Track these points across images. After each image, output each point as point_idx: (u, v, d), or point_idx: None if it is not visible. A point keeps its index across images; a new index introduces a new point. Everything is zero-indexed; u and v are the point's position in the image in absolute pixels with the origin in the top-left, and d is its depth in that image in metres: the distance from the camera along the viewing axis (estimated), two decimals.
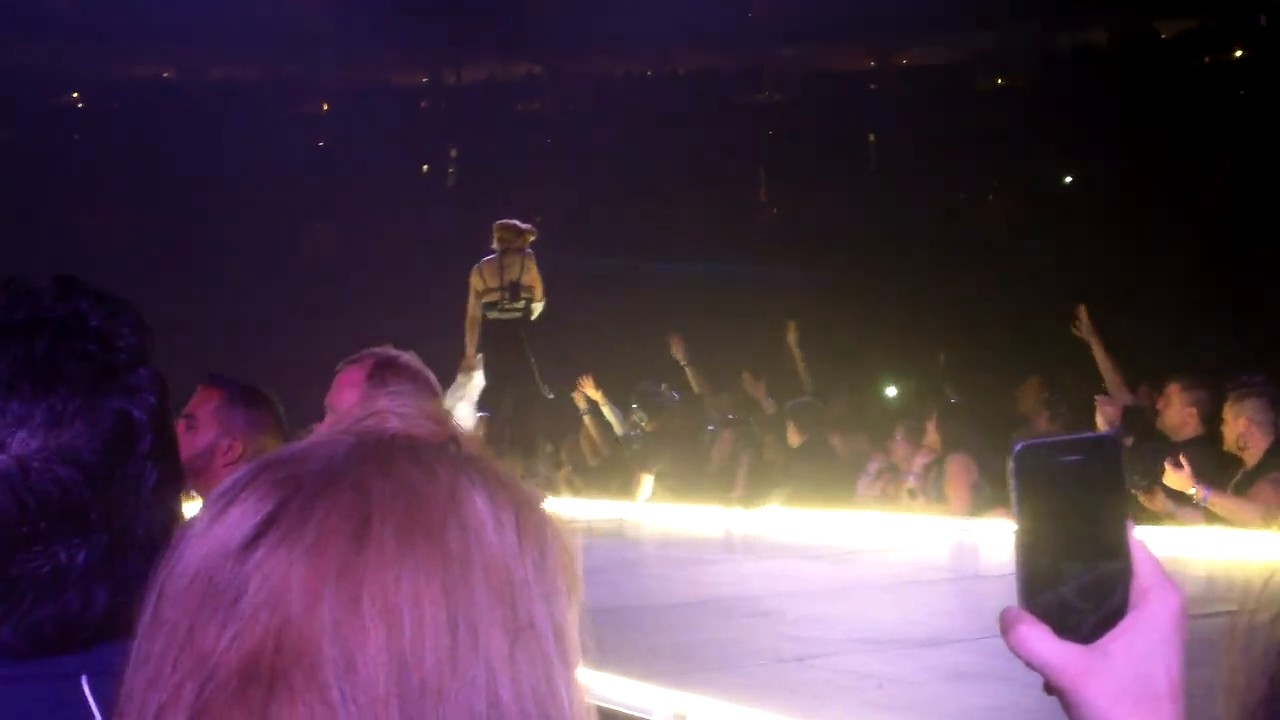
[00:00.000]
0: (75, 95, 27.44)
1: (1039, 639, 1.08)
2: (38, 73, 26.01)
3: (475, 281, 11.80)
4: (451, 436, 0.94)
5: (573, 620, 0.93)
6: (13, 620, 1.29)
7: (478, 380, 11.62)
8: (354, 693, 0.82)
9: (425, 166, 28.19)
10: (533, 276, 11.68)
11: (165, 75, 26.89)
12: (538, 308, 11.74)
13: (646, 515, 11.17)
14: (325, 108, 28.03)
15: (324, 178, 24.40)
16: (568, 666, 0.91)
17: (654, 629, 5.61)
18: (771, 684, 4.26)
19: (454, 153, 27.92)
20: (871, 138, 27.51)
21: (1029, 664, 1.09)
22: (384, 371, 3.87)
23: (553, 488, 13.58)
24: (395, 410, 0.96)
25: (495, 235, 11.77)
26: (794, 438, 11.63)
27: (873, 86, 28.33)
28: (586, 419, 13.91)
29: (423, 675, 0.83)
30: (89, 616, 1.32)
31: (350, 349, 4.05)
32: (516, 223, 11.83)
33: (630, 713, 3.91)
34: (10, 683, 1.30)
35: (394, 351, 4.00)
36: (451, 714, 0.83)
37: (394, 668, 0.83)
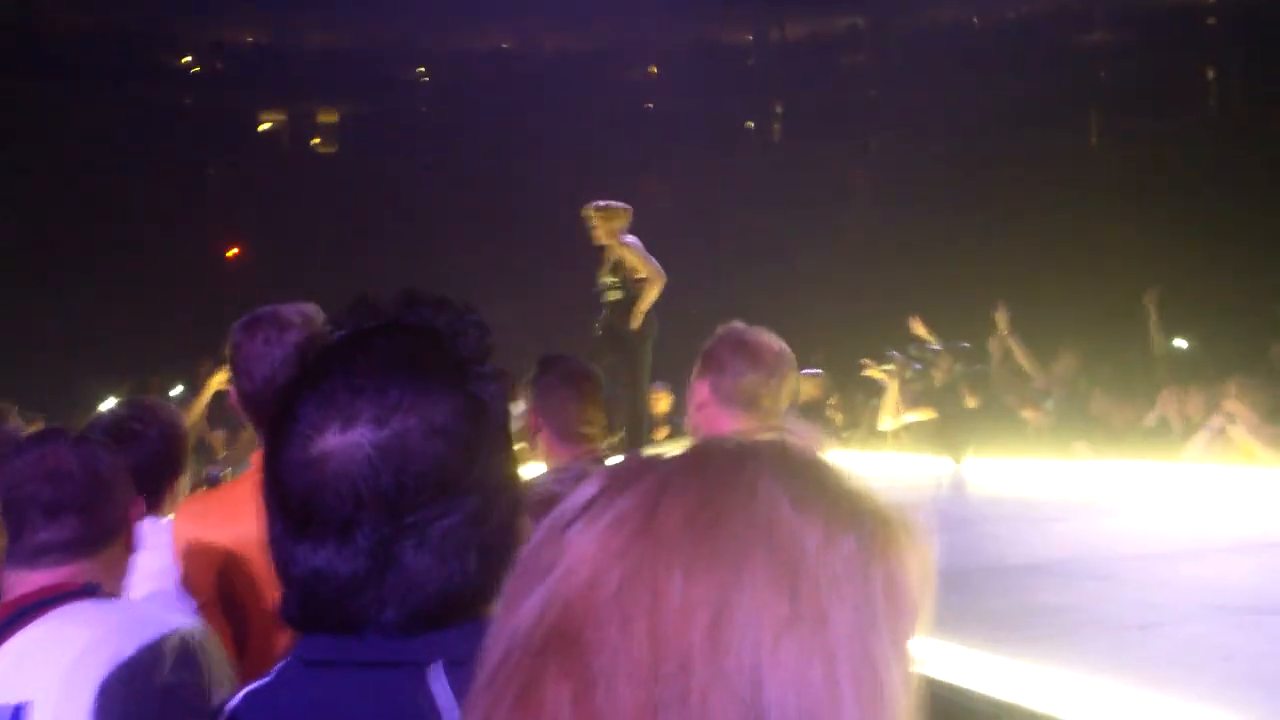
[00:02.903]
0: (422, 70, 28.66)
1: None
2: (388, 50, 27.43)
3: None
4: (782, 443, 0.98)
5: (907, 634, 0.95)
6: (396, 599, 1.42)
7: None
8: (614, 668, 0.87)
9: (750, 123, 28.36)
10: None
11: (504, 46, 27.75)
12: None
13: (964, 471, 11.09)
14: (654, 70, 28.47)
15: (654, 138, 24.82)
16: (891, 676, 0.92)
17: (990, 592, 5.36)
18: (1112, 654, 4.07)
19: (779, 108, 27.97)
20: (1210, 75, 26.27)
21: None
22: (722, 351, 3.85)
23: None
24: (775, 425, 1.05)
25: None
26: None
27: (1210, 20, 26.92)
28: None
29: (682, 656, 0.86)
30: (467, 586, 1.44)
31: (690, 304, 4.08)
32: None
33: (962, 685, 3.75)
34: (378, 669, 1.42)
35: (736, 330, 3.96)
36: (713, 697, 0.86)
37: (654, 646, 0.87)
